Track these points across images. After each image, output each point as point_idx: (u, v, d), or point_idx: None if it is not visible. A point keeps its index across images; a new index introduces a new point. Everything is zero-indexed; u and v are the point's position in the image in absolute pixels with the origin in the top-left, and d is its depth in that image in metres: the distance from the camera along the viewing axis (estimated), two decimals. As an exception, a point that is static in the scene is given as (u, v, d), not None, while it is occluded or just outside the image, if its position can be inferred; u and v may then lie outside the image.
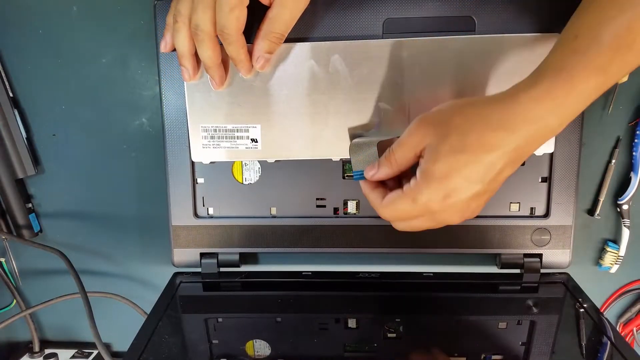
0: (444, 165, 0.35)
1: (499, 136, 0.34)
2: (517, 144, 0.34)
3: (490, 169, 0.35)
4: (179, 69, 0.47)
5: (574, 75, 0.33)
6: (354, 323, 0.47)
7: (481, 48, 0.45)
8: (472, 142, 0.35)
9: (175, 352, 0.42)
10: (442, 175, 0.35)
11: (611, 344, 0.42)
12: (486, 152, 0.34)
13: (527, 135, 0.34)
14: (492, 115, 0.35)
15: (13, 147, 0.53)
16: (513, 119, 0.34)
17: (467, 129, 0.35)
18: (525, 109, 0.34)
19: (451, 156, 0.35)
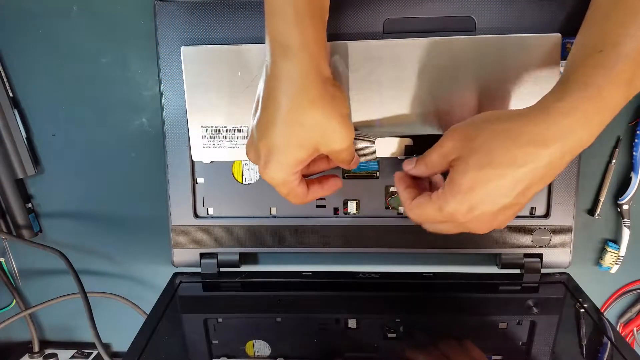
0: (470, 178, 0.35)
1: (527, 152, 0.34)
2: (549, 159, 0.34)
3: (517, 184, 0.35)
4: (179, 69, 0.47)
5: (602, 90, 0.33)
6: (354, 323, 0.46)
7: (481, 48, 0.45)
8: (499, 158, 0.35)
9: (175, 352, 0.42)
10: (468, 188, 0.36)
11: (611, 344, 0.42)
12: (513, 168, 0.34)
13: (558, 151, 0.34)
14: (521, 130, 0.34)
15: (13, 147, 0.53)
16: (544, 134, 0.34)
17: (495, 145, 0.35)
18: (555, 123, 0.33)
19: (478, 170, 0.35)
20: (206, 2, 0.47)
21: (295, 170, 0.38)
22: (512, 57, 0.44)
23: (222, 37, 0.47)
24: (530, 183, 0.35)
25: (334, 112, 0.36)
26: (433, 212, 0.38)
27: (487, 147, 0.35)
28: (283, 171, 0.37)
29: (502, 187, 0.35)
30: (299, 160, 0.37)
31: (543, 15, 0.45)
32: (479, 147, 0.35)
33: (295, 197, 0.40)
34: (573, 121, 0.33)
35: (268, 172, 0.37)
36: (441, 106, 0.45)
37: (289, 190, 0.39)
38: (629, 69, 0.32)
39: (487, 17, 0.46)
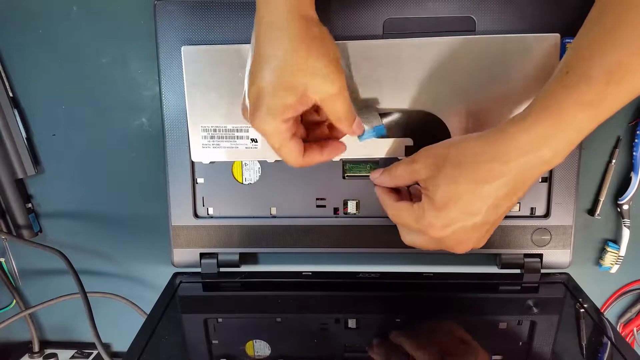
0: (443, 195, 0.37)
1: (492, 168, 0.35)
2: (512, 175, 0.35)
3: (485, 200, 0.36)
4: (179, 69, 0.47)
5: (563, 109, 0.33)
6: (354, 323, 0.46)
7: (481, 48, 0.45)
8: (465, 174, 0.36)
9: (175, 352, 0.42)
10: (442, 204, 0.37)
11: (611, 344, 0.42)
12: (480, 184, 0.36)
13: (520, 167, 0.35)
14: (485, 148, 0.36)
15: (13, 147, 0.53)
16: (504, 150, 0.35)
17: (461, 161, 0.36)
18: (515, 140, 0.35)
19: (448, 187, 0.36)
20: (206, 2, 0.47)
21: (284, 116, 0.36)
22: (512, 57, 0.44)
23: (222, 37, 0.47)
24: (496, 200, 0.36)
25: (319, 52, 0.36)
26: (410, 221, 0.39)
27: (455, 163, 0.37)
28: (272, 117, 0.36)
29: (472, 204, 0.36)
30: (287, 105, 0.36)
31: (543, 15, 0.45)
32: (446, 165, 0.37)
33: (289, 154, 0.39)
34: (532, 138, 0.34)
35: (257, 120, 0.37)
36: (441, 106, 0.45)
37: (281, 143, 0.38)
38: (593, 90, 0.32)
39: (487, 17, 0.46)
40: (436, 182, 0.37)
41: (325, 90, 0.37)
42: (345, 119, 0.39)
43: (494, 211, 0.37)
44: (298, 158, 0.40)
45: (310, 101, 0.37)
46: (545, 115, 0.34)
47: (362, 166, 0.50)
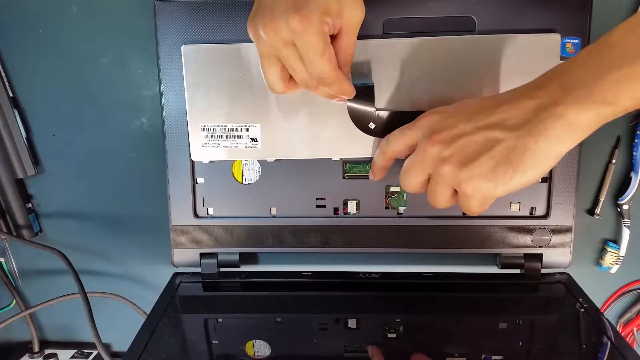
0: (448, 107, 0.39)
1: (505, 95, 0.36)
2: (518, 112, 0.35)
3: (500, 102, 0.36)
4: (179, 69, 0.47)
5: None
6: (354, 323, 0.46)
7: (481, 48, 0.45)
8: (476, 105, 0.37)
9: (175, 352, 0.42)
10: (441, 110, 0.38)
11: (611, 344, 0.42)
12: (496, 103, 0.36)
13: (532, 104, 0.34)
14: (492, 97, 0.37)
15: (13, 147, 0.53)
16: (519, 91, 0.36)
17: (471, 103, 0.38)
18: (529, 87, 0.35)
19: (454, 111, 0.38)
20: (206, 2, 0.47)
21: (326, 19, 0.35)
22: (512, 56, 0.44)
23: (222, 37, 0.47)
24: (516, 104, 0.35)
25: None
26: (407, 131, 0.40)
27: (463, 104, 0.38)
28: (320, 13, 0.34)
29: (480, 107, 0.36)
30: (331, 9, 0.35)
31: (543, 15, 0.45)
32: (448, 108, 0.38)
33: (330, 61, 0.37)
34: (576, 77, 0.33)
35: (302, 14, 0.34)
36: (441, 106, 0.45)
37: (325, 46, 0.36)
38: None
39: (487, 17, 0.46)
40: (442, 111, 0.38)
41: (357, 14, 0.37)
42: (351, 60, 0.39)
43: (506, 122, 0.35)
44: (336, 67, 0.38)
45: (339, 22, 0.36)
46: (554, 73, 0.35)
47: (362, 166, 0.50)
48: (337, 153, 0.48)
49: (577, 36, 0.46)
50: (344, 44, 0.38)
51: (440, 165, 0.36)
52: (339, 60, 0.39)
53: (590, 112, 0.32)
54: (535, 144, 0.33)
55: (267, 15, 0.35)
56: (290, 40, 0.35)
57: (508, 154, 0.34)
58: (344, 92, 0.40)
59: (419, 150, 0.38)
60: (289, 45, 0.36)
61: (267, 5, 0.35)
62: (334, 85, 0.39)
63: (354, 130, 0.46)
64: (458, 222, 0.50)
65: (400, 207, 0.50)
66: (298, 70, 0.37)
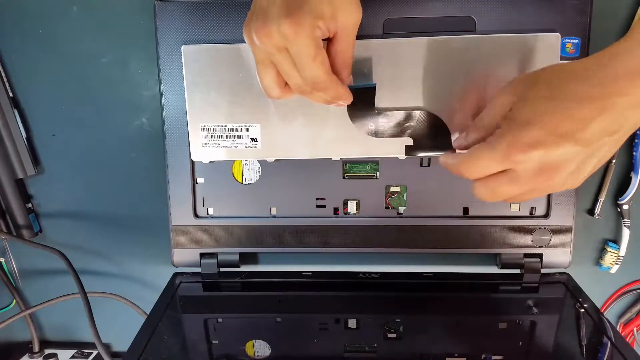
0: (528, 110, 0.32)
1: (594, 87, 0.30)
2: (616, 100, 0.30)
3: (582, 123, 0.31)
4: (179, 69, 0.47)
5: None
6: (354, 323, 0.46)
7: (481, 48, 0.45)
8: (563, 91, 0.31)
9: (175, 352, 0.42)
10: (525, 120, 0.32)
11: (611, 344, 0.42)
12: (579, 102, 0.31)
13: (628, 91, 0.30)
14: (587, 67, 0.31)
15: (13, 147, 0.53)
16: (610, 71, 0.30)
17: (559, 78, 0.32)
18: (622, 60, 0.30)
19: (537, 102, 0.32)
20: (206, 2, 0.47)
21: (319, 23, 0.34)
22: (512, 56, 0.44)
23: (222, 37, 0.47)
24: (597, 126, 0.31)
25: None
26: (487, 154, 0.34)
27: (551, 80, 0.32)
28: (312, 17, 0.34)
29: (564, 124, 0.31)
30: (324, 13, 0.34)
31: (543, 15, 0.45)
32: (540, 82, 0.33)
33: (323, 65, 0.36)
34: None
35: (294, 18, 0.33)
36: (441, 106, 0.45)
37: (317, 49, 0.35)
38: None
39: (487, 17, 0.46)
40: (525, 99, 0.33)
41: (353, 16, 0.36)
42: (350, 62, 0.38)
43: (589, 141, 0.31)
44: (329, 72, 0.36)
45: (334, 25, 0.35)
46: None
47: (362, 166, 0.50)
48: (337, 153, 0.48)
49: (577, 36, 0.46)
50: (341, 48, 0.37)
51: (518, 179, 0.34)
52: (336, 64, 0.38)
53: None
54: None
55: (260, 20, 0.35)
56: (283, 46, 0.35)
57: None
58: (340, 97, 0.39)
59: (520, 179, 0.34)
60: (282, 51, 0.35)
61: (261, 11, 0.35)
62: (328, 90, 0.38)
63: (354, 130, 0.46)
64: (458, 222, 0.50)
65: (400, 207, 0.50)
66: (291, 75, 0.37)
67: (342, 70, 0.39)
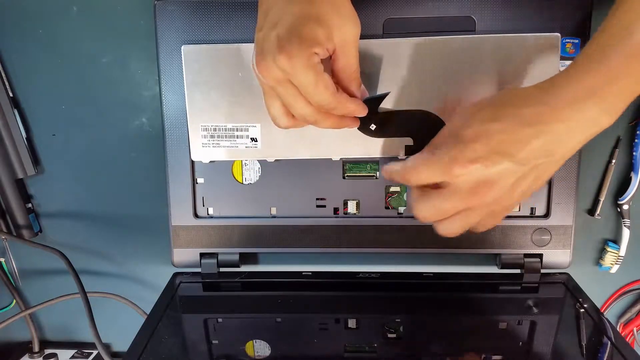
0: (474, 130, 0.34)
1: (536, 112, 0.33)
2: (556, 125, 0.32)
3: (522, 144, 0.33)
4: (179, 69, 0.47)
5: (612, 58, 0.31)
6: (354, 323, 0.46)
7: (481, 48, 0.45)
8: (507, 113, 0.34)
9: (175, 352, 0.42)
10: (470, 139, 0.34)
11: (611, 344, 0.42)
12: (521, 125, 0.33)
13: (566, 117, 0.32)
14: (531, 94, 0.34)
15: (13, 147, 0.53)
16: (551, 98, 0.33)
17: (504, 102, 0.34)
18: (563, 89, 0.32)
19: (483, 123, 0.34)
20: (206, 2, 0.47)
21: (315, 49, 0.34)
22: (512, 56, 0.44)
23: (222, 37, 0.47)
24: (536, 148, 0.33)
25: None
26: (430, 165, 0.36)
27: (496, 104, 0.35)
28: (306, 46, 0.34)
29: (505, 144, 0.33)
30: (318, 38, 0.34)
31: (543, 15, 0.45)
32: (486, 105, 0.35)
33: (326, 90, 0.36)
34: (580, 87, 0.32)
35: (288, 52, 0.34)
36: (441, 106, 0.45)
37: (317, 75, 0.35)
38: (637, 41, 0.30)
39: (487, 17, 0.46)
40: (470, 120, 0.35)
41: (349, 32, 0.35)
42: (356, 76, 0.38)
43: (527, 160, 0.34)
44: (334, 93, 0.36)
45: (332, 45, 0.35)
46: (593, 64, 0.32)
47: (362, 166, 0.50)
48: (337, 153, 0.48)
49: (577, 36, 0.46)
50: (342, 65, 0.37)
51: (455, 196, 0.36)
52: (343, 79, 0.38)
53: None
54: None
55: (259, 55, 0.35)
56: (283, 78, 0.35)
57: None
58: (352, 113, 0.39)
59: (458, 202, 0.36)
60: (283, 83, 0.36)
61: (258, 45, 0.36)
62: (336, 110, 0.38)
63: (354, 130, 0.46)
64: (458, 222, 0.50)
65: (400, 207, 0.50)
66: (294, 107, 0.37)
67: (349, 84, 0.38)
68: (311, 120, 0.38)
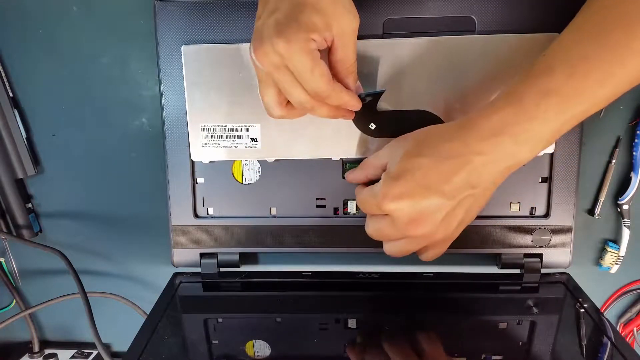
0: (400, 166, 0.37)
1: (453, 147, 0.35)
2: (472, 159, 0.35)
3: (443, 177, 0.35)
4: (179, 69, 0.47)
5: (523, 97, 0.33)
6: (354, 323, 0.46)
7: (481, 48, 0.45)
8: (428, 148, 0.36)
9: (175, 353, 0.42)
10: (398, 174, 0.37)
11: (611, 344, 0.42)
12: (440, 160, 0.35)
13: (480, 151, 0.35)
14: (449, 130, 0.37)
15: (13, 147, 0.53)
16: (466, 133, 0.35)
17: (425, 139, 0.37)
18: (476, 124, 0.35)
19: (408, 160, 0.37)
20: (206, 2, 0.47)
21: (313, 35, 0.35)
22: (512, 56, 0.44)
23: (222, 37, 0.47)
24: (455, 182, 0.35)
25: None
26: (368, 197, 0.39)
27: (419, 141, 0.38)
28: (304, 31, 0.34)
29: (429, 177, 0.36)
30: (316, 25, 0.35)
31: (543, 15, 0.45)
32: (412, 142, 0.38)
33: (322, 78, 0.36)
34: (491, 124, 0.34)
35: (286, 36, 0.34)
36: (441, 106, 0.45)
37: (314, 62, 0.35)
38: (553, 80, 0.33)
39: (487, 17, 0.46)
40: (397, 158, 0.38)
41: (348, 23, 0.36)
42: (353, 70, 0.39)
43: (452, 194, 0.36)
44: (330, 81, 0.37)
45: (330, 34, 0.36)
46: (506, 102, 0.34)
47: None
48: (337, 153, 0.48)
49: (577, 36, 0.45)
50: (340, 56, 0.38)
51: (390, 225, 0.39)
52: (340, 72, 0.39)
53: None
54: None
55: (257, 41, 0.36)
56: (280, 64, 0.36)
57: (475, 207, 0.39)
58: (345, 104, 0.40)
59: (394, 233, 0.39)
60: (280, 69, 0.36)
61: (257, 32, 0.36)
62: (331, 99, 0.38)
63: (354, 130, 0.46)
64: (458, 222, 0.50)
65: None
66: (291, 93, 0.38)
67: (346, 78, 0.39)
68: (308, 107, 0.39)
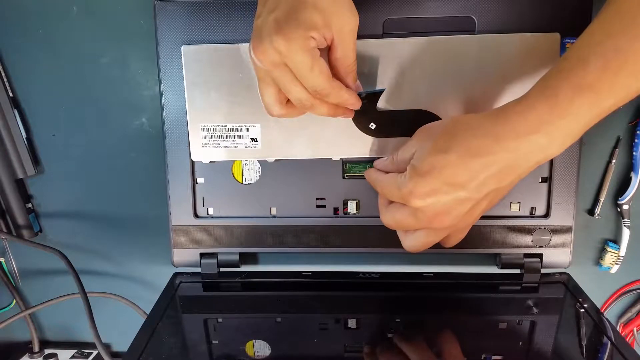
0: (428, 163, 0.36)
1: (484, 144, 0.35)
2: (503, 155, 0.34)
3: (472, 175, 0.35)
4: (179, 69, 0.47)
5: (558, 93, 0.33)
6: (354, 323, 0.46)
7: (481, 48, 0.45)
8: (456, 145, 0.36)
9: (175, 353, 0.42)
10: (425, 171, 0.36)
11: (611, 344, 0.42)
12: (470, 157, 0.35)
13: (513, 148, 0.34)
14: (482, 123, 0.36)
15: (13, 147, 0.53)
16: (499, 129, 0.35)
17: (455, 133, 0.36)
18: (511, 121, 0.34)
19: (435, 155, 0.36)
20: (206, 2, 0.47)
21: (312, 33, 0.35)
22: (512, 56, 0.44)
23: (222, 37, 0.47)
24: (484, 178, 0.35)
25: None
26: (393, 189, 0.39)
27: (449, 134, 0.36)
28: (303, 29, 0.34)
29: (457, 175, 0.35)
30: (315, 22, 0.35)
31: (543, 15, 0.45)
32: (441, 135, 0.37)
33: (321, 75, 0.36)
34: (527, 122, 0.34)
35: (285, 33, 0.34)
36: (440, 106, 0.45)
37: (313, 59, 0.35)
38: (590, 74, 0.32)
39: (487, 17, 0.46)
40: (424, 151, 0.37)
41: (347, 21, 0.36)
42: (353, 69, 0.39)
43: (479, 190, 0.36)
44: (329, 79, 0.37)
45: (329, 32, 0.36)
46: (540, 99, 0.34)
47: (362, 166, 0.50)
48: (337, 153, 0.48)
49: (577, 36, 0.45)
50: (340, 54, 0.38)
51: (413, 218, 0.38)
52: (339, 71, 0.39)
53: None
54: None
55: (256, 39, 0.36)
56: (280, 62, 0.36)
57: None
58: (345, 103, 0.40)
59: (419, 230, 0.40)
60: (280, 67, 0.36)
61: (257, 30, 0.36)
62: (330, 97, 0.38)
63: (354, 130, 0.46)
64: (458, 222, 0.50)
65: None
66: (291, 91, 0.38)
67: (346, 76, 0.39)
68: (307, 105, 0.39)
